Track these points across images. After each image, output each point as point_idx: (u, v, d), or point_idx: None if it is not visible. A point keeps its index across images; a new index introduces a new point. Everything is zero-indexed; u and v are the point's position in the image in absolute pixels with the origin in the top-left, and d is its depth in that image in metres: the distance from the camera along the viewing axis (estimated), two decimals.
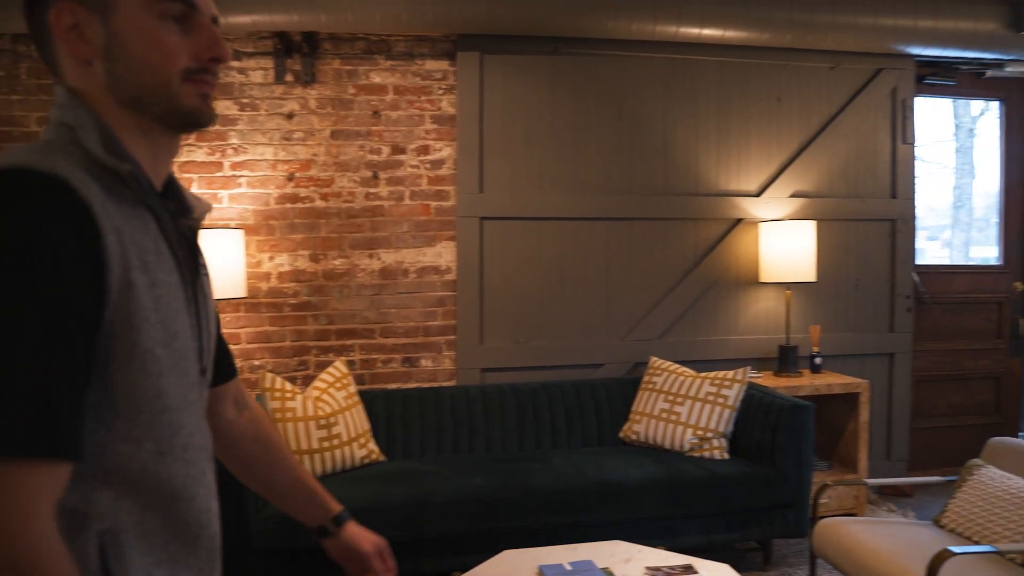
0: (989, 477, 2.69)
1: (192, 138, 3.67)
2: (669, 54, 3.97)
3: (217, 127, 3.69)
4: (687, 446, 3.34)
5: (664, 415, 3.45)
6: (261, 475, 1.26)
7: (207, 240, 3.29)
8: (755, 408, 3.35)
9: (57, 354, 0.74)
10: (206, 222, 1.97)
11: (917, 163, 4.47)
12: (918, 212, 5.04)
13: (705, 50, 3.98)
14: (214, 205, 3.68)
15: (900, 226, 4.33)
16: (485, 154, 3.88)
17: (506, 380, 3.85)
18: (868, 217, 4.27)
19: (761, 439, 3.27)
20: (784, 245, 3.85)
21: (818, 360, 3.98)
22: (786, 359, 3.91)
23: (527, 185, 3.91)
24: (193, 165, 3.68)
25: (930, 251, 5.17)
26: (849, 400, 3.87)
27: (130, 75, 0.88)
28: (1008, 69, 4.65)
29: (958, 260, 5.11)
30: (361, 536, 1.30)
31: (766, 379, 3.85)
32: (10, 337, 0.72)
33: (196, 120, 0.93)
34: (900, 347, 4.36)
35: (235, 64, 3.69)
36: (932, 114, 5.02)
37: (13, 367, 0.71)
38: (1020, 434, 4.92)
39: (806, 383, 3.75)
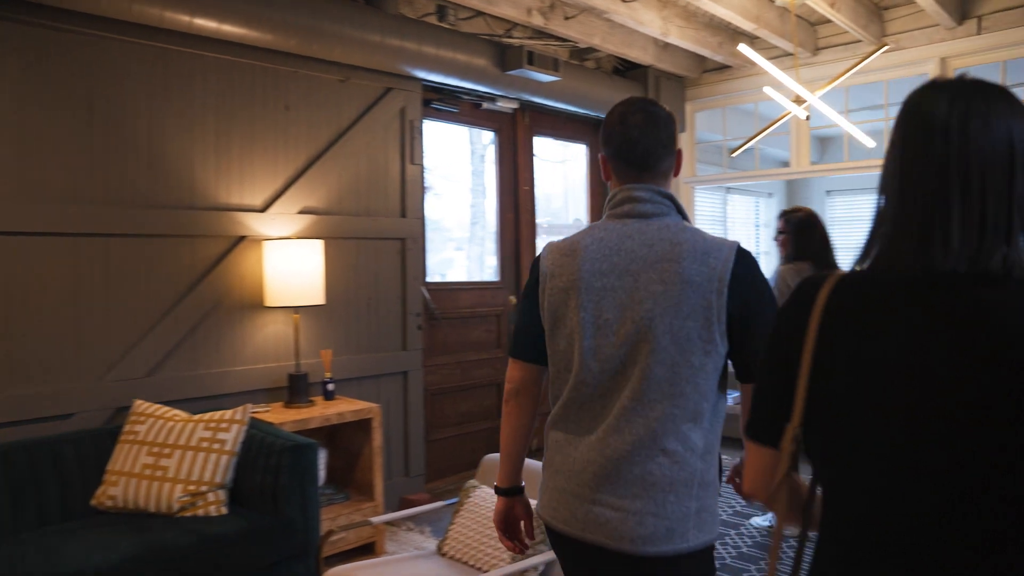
0: (481, 498, 2.74)
1: None
2: (159, 42, 3.39)
3: None
4: (176, 506, 2.82)
5: (148, 472, 2.86)
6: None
7: None
8: (257, 450, 2.98)
9: None
10: None
11: (444, 182, 4.62)
12: (447, 225, 5.22)
13: (205, 44, 3.50)
14: None
15: (409, 245, 4.40)
16: None
17: None
18: (379, 235, 4.24)
19: (263, 485, 2.91)
20: (291, 265, 3.57)
21: (331, 386, 3.79)
22: (297, 388, 3.63)
23: None
24: None
25: (457, 260, 5.44)
26: (364, 425, 3.75)
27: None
28: (499, 103, 5.11)
29: (475, 269, 5.46)
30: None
31: (275, 412, 3.51)
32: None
33: None
34: (413, 364, 4.43)
35: None
36: (453, 137, 5.29)
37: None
38: None
39: (317, 413, 3.52)
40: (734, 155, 4.62)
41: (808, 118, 3.77)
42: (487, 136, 5.43)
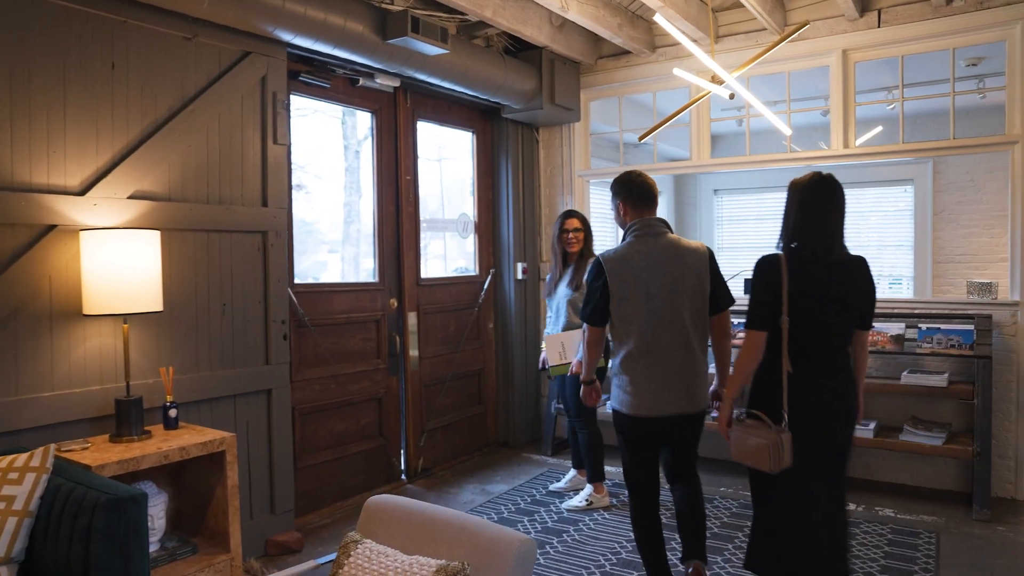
0: (366, 557, 2.14)
1: None
2: None
3: None
4: None
5: None
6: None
7: None
8: (63, 507, 2.24)
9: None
10: None
11: (316, 180, 3.96)
12: (320, 227, 4.54)
13: None
14: None
15: (272, 239, 3.70)
16: None
17: None
18: (234, 228, 3.53)
19: (71, 557, 2.17)
20: (119, 262, 2.82)
21: (173, 412, 3.06)
22: (127, 417, 2.88)
23: None
24: None
25: (331, 263, 4.78)
26: (216, 458, 3.05)
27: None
28: (378, 80, 4.49)
29: (351, 273, 4.81)
30: None
31: (97, 449, 2.75)
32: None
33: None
34: (278, 381, 3.73)
35: None
36: (325, 132, 4.62)
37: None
38: (403, 452, 4.85)
39: (152, 449, 2.78)
40: (641, 140, 4.24)
41: (732, 96, 3.41)
42: (363, 130, 4.80)
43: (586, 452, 4.35)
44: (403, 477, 4.84)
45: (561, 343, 4.29)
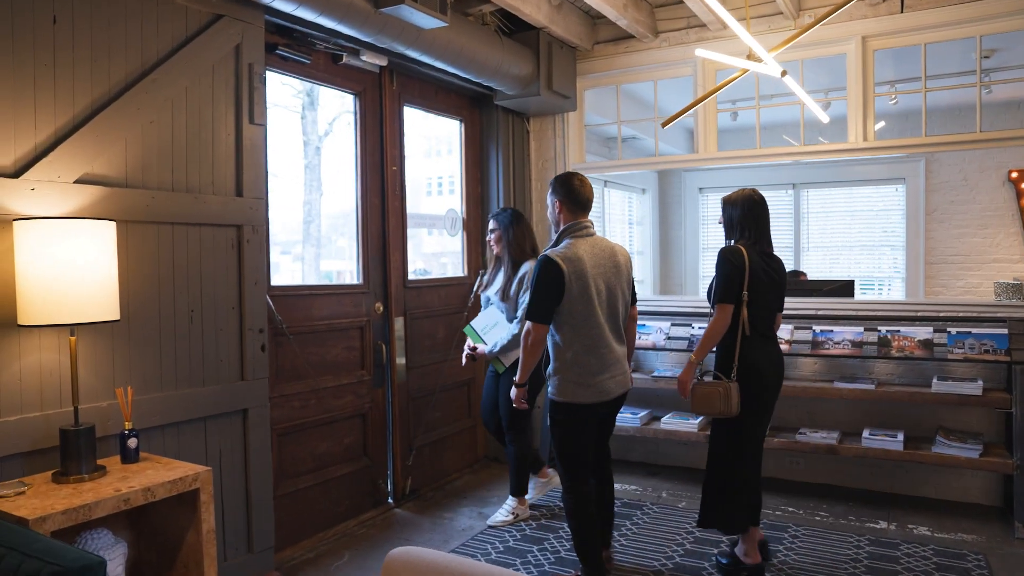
0: None
1: None
2: None
3: None
4: None
5: None
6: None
7: None
8: None
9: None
10: None
11: (271, 177, 3.44)
12: (272, 228, 4.01)
13: None
14: None
15: (248, 234, 3.18)
16: None
17: None
18: (203, 220, 2.99)
19: None
20: (65, 260, 2.29)
21: (133, 441, 2.53)
22: (75, 450, 2.34)
23: None
24: None
25: (284, 265, 4.25)
26: (187, 498, 2.53)
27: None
28: (364, 58, 3.99)
29: (311, 275, 4.30)
30: None
31: (37, 493, 2.21)
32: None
33: None
34: (255, 399, 3.21)
35: None
36: (283, 128, 4.08)
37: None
38: (390, 473, 4.35)
39: (109, 491, 2.25)
40: (665, 127, 3.84)
41: (784, 73, 3.03)
42: (323, 127, 4.31)
43: (517, 464, 4.13)
44: (390, 500, 4.34)
45: (496, 322, 4.10)
